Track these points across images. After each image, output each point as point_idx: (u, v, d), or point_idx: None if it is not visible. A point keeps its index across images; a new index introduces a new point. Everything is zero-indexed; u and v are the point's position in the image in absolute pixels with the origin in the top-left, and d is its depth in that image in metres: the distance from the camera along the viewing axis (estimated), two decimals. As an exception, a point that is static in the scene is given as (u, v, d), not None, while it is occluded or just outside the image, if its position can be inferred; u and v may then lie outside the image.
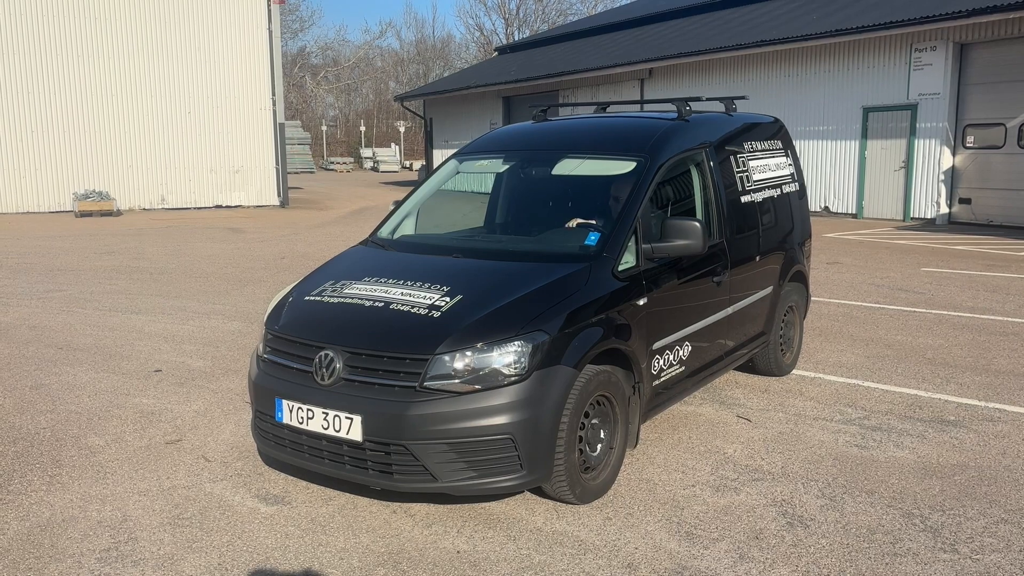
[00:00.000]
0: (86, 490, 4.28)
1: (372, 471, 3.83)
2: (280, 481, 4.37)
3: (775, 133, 6.44)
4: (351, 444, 3.82)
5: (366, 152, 52.90)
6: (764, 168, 6.02)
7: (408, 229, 5.45)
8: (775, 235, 6.07)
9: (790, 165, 6.49)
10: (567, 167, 5.20)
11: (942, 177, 16.27)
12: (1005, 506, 4.02)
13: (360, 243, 5.37)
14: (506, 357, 3.77)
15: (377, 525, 3.88)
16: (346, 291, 4.32)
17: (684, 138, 5.21)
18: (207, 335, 7.65)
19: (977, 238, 14.12)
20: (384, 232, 5.39)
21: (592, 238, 4.55)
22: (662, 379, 4.68)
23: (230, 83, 21.90)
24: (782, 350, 6.22)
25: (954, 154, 16.30)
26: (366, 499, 4.14)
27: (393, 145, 54.40)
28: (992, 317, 8.06)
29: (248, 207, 22.31)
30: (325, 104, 65.92)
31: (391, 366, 3.81)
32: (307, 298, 4.40)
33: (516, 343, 3.80)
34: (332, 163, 49.83)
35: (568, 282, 4.19)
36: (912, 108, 16.46)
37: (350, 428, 3.79)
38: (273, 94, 22.34)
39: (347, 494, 4.20)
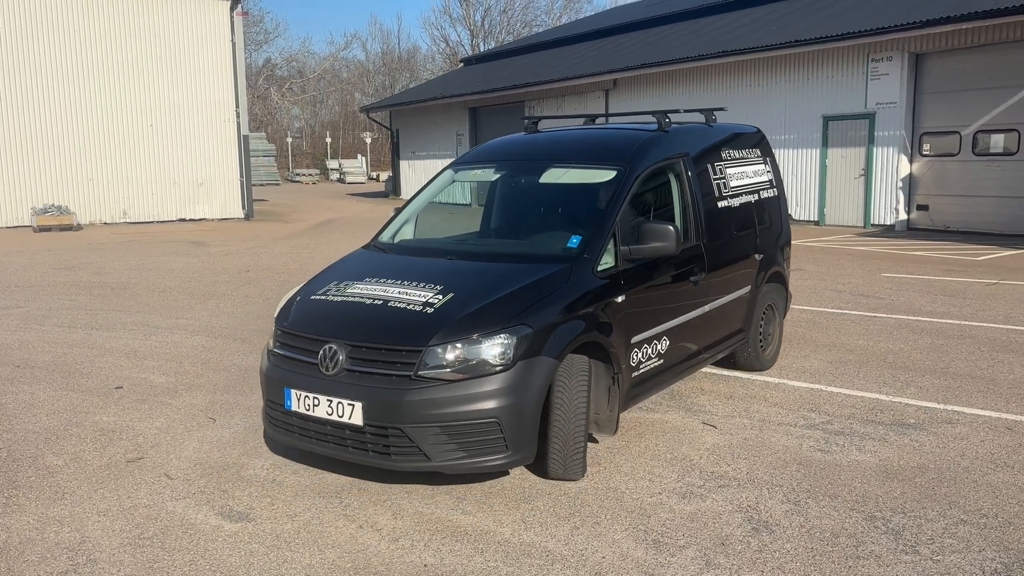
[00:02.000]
0: (44, 511, 4.18)
1: (372, 453, 4.21)
2: (244, 498, 4.31)
3: (754, 142, 6.83)
4: (353, 428, 4.20)
5: (332, 164, 52.60)
6: (742, 175, 6.40)
7: (407, 234, 5.85)
8: (752, 238, 6.42)
9: (769, 172, 6.88)
10: (553, 176, 5.60)
11: (900, 184, 16.59)
12: (964, 507, 4.09)
13: (362, 247, 5.77)
14: (493, 348, 4.16)
15: (343, 540, 3.84)
16: (348, 290, 4.73)
17: (662, 148, 5.60)
18: (170, 350, 7.54)
19: (935, 244, 14.41)
20: (385, 237, 5.80)
21: (574, 241, 4.93)
22: (641, 371, 5.04)
23: (193, 95, 21.67)
24: (762, 346, 6.57)
25: (911, 162, 16.63)
26: (331, 514, 4.10)
27: (360, 156, 54.14)
28: (950, 321, 8.22)
29: (212, 220, 22.06)
30: (290, 116, 65.51)
31: (389, 357, 4.21)
32: (313, 297, 4.83)
33: (502, 336, 4.18)
34: (298, 175, 49.47)
35: (551, 281, 4.58)
36: (870, 117, 16.78)
37: (352, 414, 4.17)
38: (237, 106, 22.14)
39: (312, 510, 4.16)
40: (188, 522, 4.04)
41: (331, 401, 4.23)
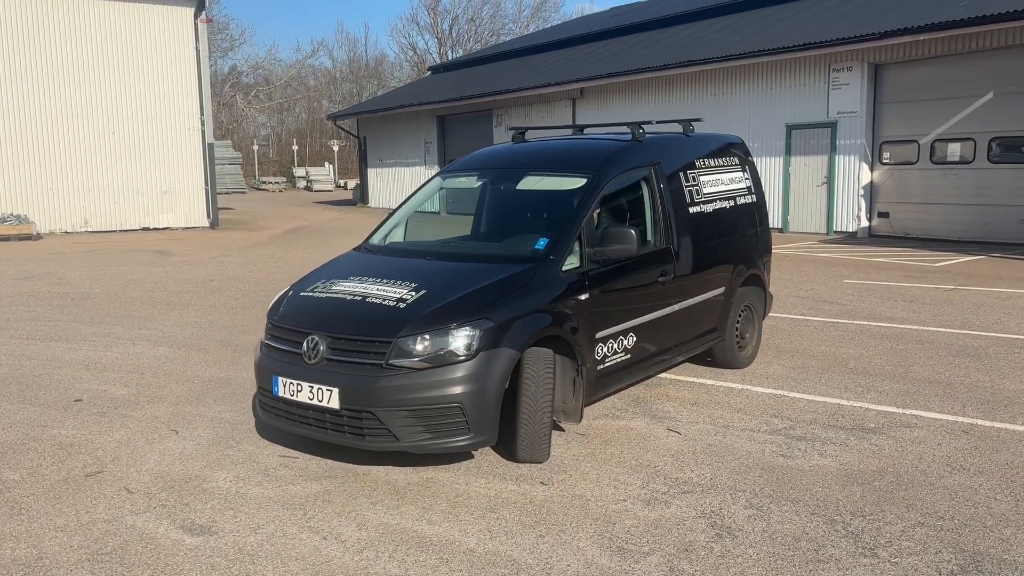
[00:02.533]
0: (-1, 528, 4.10)
1: (348, 434, 4.62)
2: (206, 511, 4.26)
3: (733, 151, 7.15)
4: (331, 412, 4.61)
5: (299, 171, 52.18)
6: (717, 182, 6.73)
7: (397, 236, 6.27)
8: (726, 241, 6.75)
9: (747, 180, 7.17)
10: (529, 183, 6.08)
11: (862, 192, 16.88)
12: (922, 509, 4.17)
13: (353, 249, 6.17)
14: (457, 340, 4.54)
15: (307, 552, 3.81)
16: (333, 288, 5.17)
17: (633, 157, 6.01)
18: (131, 362, 7.42)
19: (895, 250, 14.68)
20: (375, 239, 6.22)
21: (541, 243, 5.30)
22: (607, 364, 5.39)
23: (156, 103, 21.40)
24: (739, 346, 6.89)
25: (872, 170, 16.94)
26: (295, 526, 4.07)
27: (327, 164, 53.80)
28: (909, 327, 8.38)
29: (176, 229, 21.78)
30: (257, 123, 64.88)
31: (364, 348, 4.62)
32: (301, 294, 5.28)
33: (466, 328, 4.57)
34: (264, 183, 49.02)
35: (516, 279, 4.97)
36: (832, 126, 17.07)
37: (330, 398, 4.59)
38: (202, 113, 21.90)
39: (275, 522, 4.12)
40: (148, 536, 3.98)
41: (312, 387, 4.65)
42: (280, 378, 4.81)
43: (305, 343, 4.75)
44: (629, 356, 5.58)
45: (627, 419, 5.67)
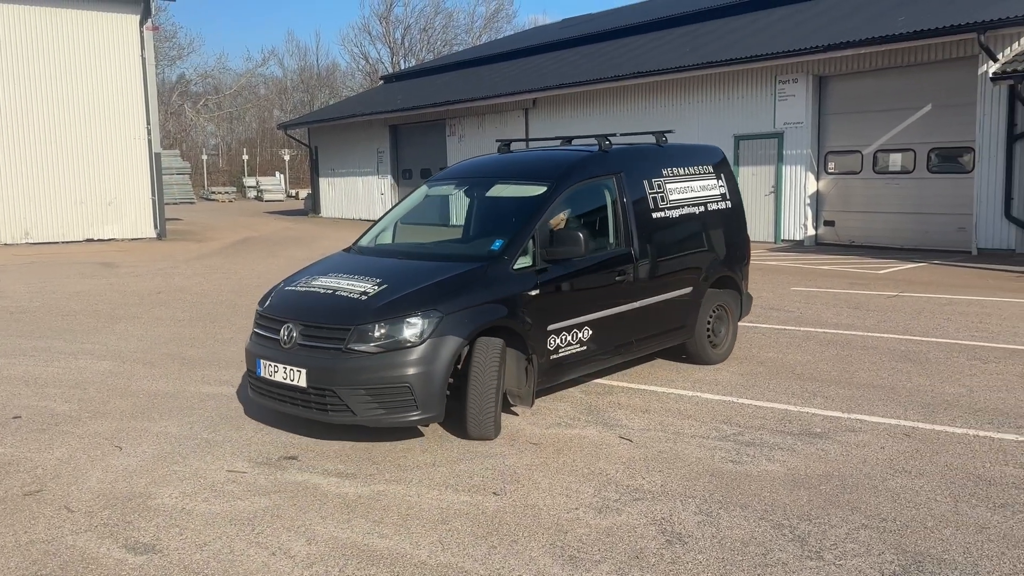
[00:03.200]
0: (-70, 551, 3.94)
1: (314, 409, 5.25)
2: (150, 529, 4.16)
3: (708, 160, 7.56)
4: (300, 390, 5.26)
5: (250, 181, 51.48)
6: (686, 189, 7.16)
7: (385, 239, 6.87)
8: (695, 244, 7.18)
9: (722, 187, 7.56)
10: (498, 191, 6.73)
11: (808, 201, 17.25)
12: (865, 512, 4.26)
13: (342, 250, 6.86)
14: (408, 328, 5.15)
15: (255, 569, 3.74)
16: (312, 283, 5.83)
17: (593, 167, 6.60)
18: (73, 376, 7.23)
19: (841, 258, 15.02)
20: (363, 241, 6.87)
21: (497, 244, 5.89)
22: (561, 354, 5.91)
23: (101, 111, 20.93)
24: (712, 343, 7.29)
25: (818, 179, 17.33)
26: (243, 542, 4.00)
27: (278, 174, 53.17)
28: (854, 333, 8.57)
29: (122, 240, 21.28)
30: (206, 133, 63.85)
31: (328, 334, 5.26)
32: (286, 288, 5.97)
33: (416, 318, 5.18)
34: (214, 193, 48.23)
35: (468, 276, 5.57)
36: (779, 136, 17.43)
37: (299, 378, 5.23)
38: (148, 122, 21.48)
39: (223, 538, 4.04)
40: (89, 556, 3.87)
41: (286, 369, 5.30)
42: (262, 361, 5.49)
43: (282, 330, 5.43)
44: (585, 347, 6.12)
45: (580, 427, 5.69)
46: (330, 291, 5.60)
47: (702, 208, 7.26)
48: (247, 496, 4.55)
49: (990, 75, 13.57)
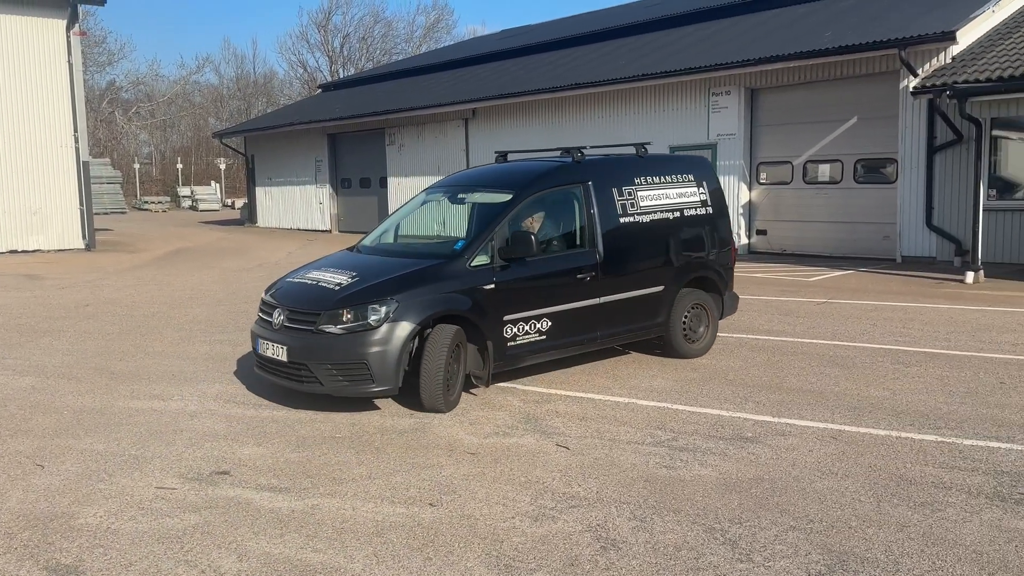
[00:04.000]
0: None
1: (292, 380, 6.26)
2: (73, 549, 4.02)
3: (688, 168, 8.10)
4: (282, 364, 6.27)
5: (184, 191, 50.37)
6: (660, 196, 7.73)
7: (386, 239, 7.71)
8: (667, 246, 7.70)
9: (702, 194, 8.09)
10: (474, 198, 7.60)
11: (741, 210, 17.65)
12: (794, 514, 4.37)
13: (345, 248, 7.71)
14: (370, 314, 6.05)
15: (183, 588, 3.65)
16: (306, 275, 6.84)
17: (559, 177, 7.32)
18: (-7, 393, 6.95)
19: (773, 266, 15.40)
20: (365, 241, 7.71)
21: (459, 244, 6.77)
22: (518, 341, 6.66)
23: (25, 118, 20.20)
24: (688, 338, 7.86)
25: (750, 189, 17.75)
26: (171, 560, 3.89)
27: (213, 183, 52.15)
28: (785, 339, 8.79)
29: (48, 251, 20.55)
30: (138, 141, 62.23)
31: (304, 317, 6.25)
32: (286, 279, 7.00)
33: (375, 305, 6.08)
34: (147, 203, 47.01)
35: (426, 271, 6.44)
36: (713, 147, 17.79)
37: (282, 354, 6.23)
38: (75, 130, 20.81)
39: (149, 557, 3.93)
40: (7, 580, 3.73)
41: (274, 346, 6.30)
42: (260, 340, 6.51)
43: (275, 313, 6.45)
44: (545, 337, 6.82)
45: (517, 436, 5.71)
46: (315, 282, 6.59)
47: (677, 214, 7.80)
48: (176, 513, 4.44)
49: (911, 89, 14.11)
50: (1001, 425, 5.75)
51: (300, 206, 29.26)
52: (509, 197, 6.93)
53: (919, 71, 14.34)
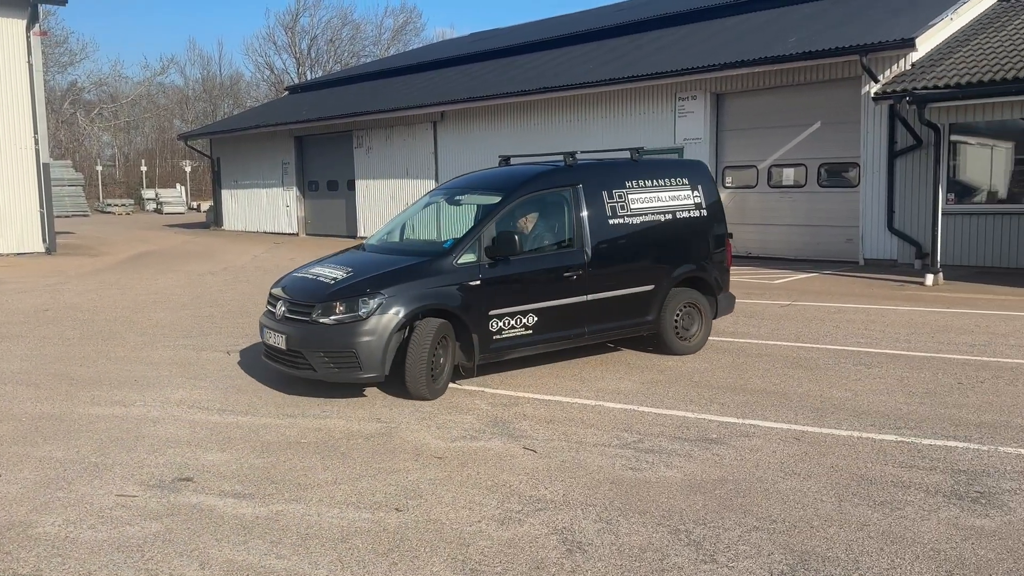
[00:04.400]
0: None
1: (289, 366, 6.77)
2: (31, 559, 3.94)
3: (683, 172, 8.38)
4: (283, 351, 6.77)
5: (148, 193, 49.61)
6: (652, 199, 8.01)
7: (391, 239, 8.13)
8: (658, 247, 8.01)
9: (697, 197, 8.33)
10: (469, 199, 8.00)
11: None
12: (757, 514, 4.42)
13: (353, 247, 8.23)
14: (360, 306, 6.50)
15: (143, 597, 3.60)
16: (308, 271, 7.37)
17: (548, 180, 7.69)
18: (-52, 401, 6.79)
19: (739, 269, 15.51)
20: (371, 240, 8.20)
21: (448, 242, 7.15)
22: (504, 335, 7.03)
23: (-17, 119, 19.80)
24: (680, 336, 8.13)
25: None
26: (131, 570, 3.83)
27: (179, 186, 51.44)
28: (749, 340, 8.89)
29: (7, 255, 20.12)
30: (101, 143, 61.21)
31: (301, 309, 6.74)
32: (292, 274, 7.54)
33: (363, 299, 6.53)
34: (110, 205, 46.27)
35: (414, 268, 6.87)
36: (679, 151, 17.94)
37: (281, 342, 6.75)
38: (36, 132, 20.42)
39: (109, 567, 3.87)
40: (-39, 592, 3.64)
41: (275, 335, 6.84)
42: (265, 329, 7.06)
43: (278, 305, 6.98)
44: (532, 331, 7.17)
45: (485, 440, 5.71)
46: (314, 277, 7.08)
47: (669, 216, 8.09)
48: (137, 521, 4.38)
49: (872, 95, 14.35)
50: (958, 425, 5.87)
51: (267, 209, 28.99)
52: (498, 199, 7.33)
53: (880, 77, 14.59)
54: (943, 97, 12.80)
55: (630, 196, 7.88)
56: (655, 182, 8.10)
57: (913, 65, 14.35)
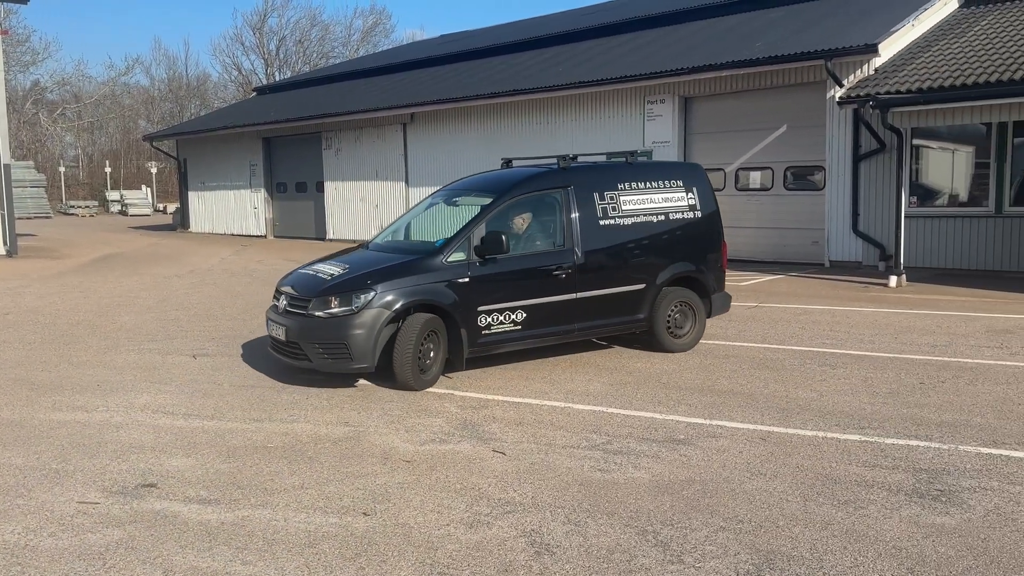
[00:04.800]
0: None
1: (289, 357, 7.19)
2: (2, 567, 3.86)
3: (677, 175, 8.56)
4: (284, 343, 7.20)
5: (113, 195, 48.83)
6: (645, 200, 8.21)
7: (394, 238, 8.45)
8: (649, 247, 8.21)
9: (691, 199, 8.53)
10: (466, 201, 8.24)
11: (677, 216, 17.90)
12: (724, 515, 4.46)
13: (358, 246, 8.60)
14: (352, 301, 6.90)
15: (105, 606, 3.53)
16: (311, 267, 7.81)
17: (539, 182, 7.93)
18: (-97, 407, 6.63)
19: (707, 271, 15.65)
20: (376, 240, 8.48)
21: (440, 242, 7.45)
22: (492, 330, 7.30)
23: (-59, 118, 19.37)
24: (673, 334, 8.35)
25: (686, 196, 18.02)
26: (93, 578, 3.77)
27: (144, 187, 50.71)
28: (717, 342, 8.97)
29: (-34, 257, 19.73)
30: (64, 143, 60.18)
31: (300, 303, 7.18)
32: (298, 270, 7.94)
33: (355, 293, 6.93)
34: (73, 207, 45.51)
35: (405, 265, 7.21)
36: (648, 154, 17.93)
37: (283, 334, 7.17)
38: (-5, 132, 20.04)
39: (69, 575, 3.80)
40: (-85, 603, 3.56)
41: (277, 327, 7.25)
42: (269, 321, 7.50)
43: (281, 299, 7.42)
44: (520, 327, 7.42)
45: (454, 443, 5.70)
46: (314, 273, 7.51)
47: (662, 217, 8.28)
48: (99, 528, 4.30)
49: (836, 99, 14.56)
50: (920, 424, 5.97)
51: (234, 211, 28.69)
52: (489, 201, 7.63)
53: (845, 81, 14.80)
54: (905, 102, 13.02)
55: (622, 198, 8.08)
56: (648, 184, 8.27)
57: (876, 70, 14.58)
